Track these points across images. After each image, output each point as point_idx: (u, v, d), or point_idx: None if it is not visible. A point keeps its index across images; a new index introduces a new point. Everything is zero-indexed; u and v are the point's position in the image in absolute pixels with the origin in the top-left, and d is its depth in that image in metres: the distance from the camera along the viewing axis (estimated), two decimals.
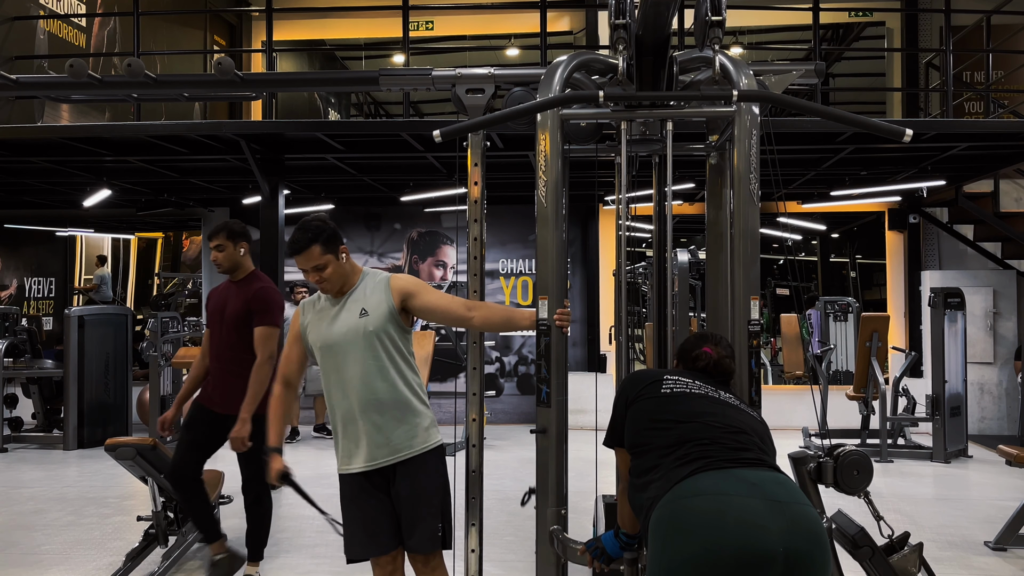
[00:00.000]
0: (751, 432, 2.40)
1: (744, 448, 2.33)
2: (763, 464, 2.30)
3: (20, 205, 10.07)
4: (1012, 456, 5.40)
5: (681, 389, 2.50)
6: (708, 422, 2.38)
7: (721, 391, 2.55)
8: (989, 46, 8.01)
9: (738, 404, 2.54)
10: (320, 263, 2.99)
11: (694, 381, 2.54)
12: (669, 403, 2.47)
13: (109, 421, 8.77)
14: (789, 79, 3.66)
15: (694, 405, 2.45)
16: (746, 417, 2.46)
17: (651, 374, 2.64)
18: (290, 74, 10.28)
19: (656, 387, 2.52)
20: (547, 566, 3.05)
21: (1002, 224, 8.61)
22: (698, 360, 2.67)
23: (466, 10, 10.63)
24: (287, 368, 3.21)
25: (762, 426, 2.49)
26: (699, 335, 2.78)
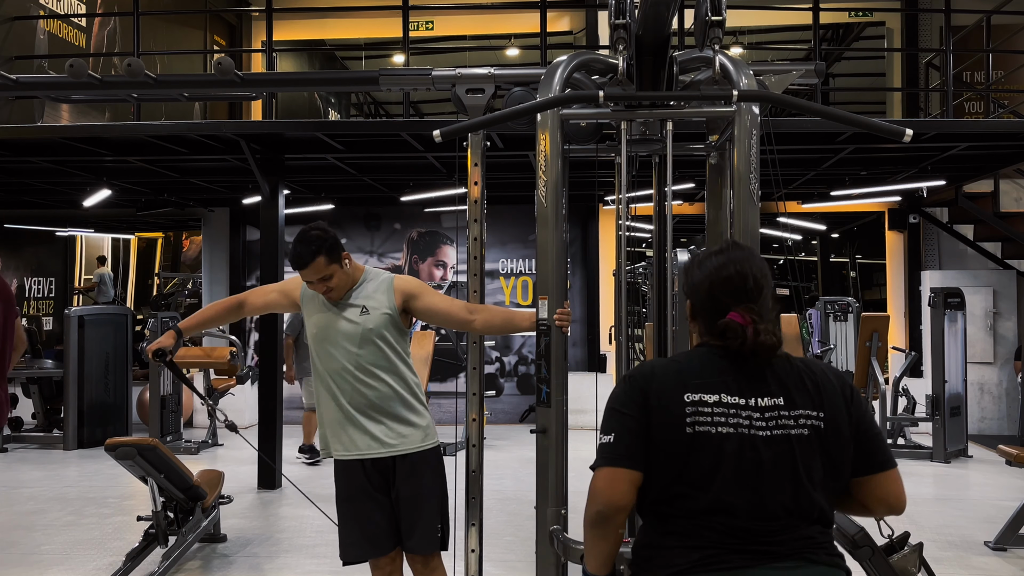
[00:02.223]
0: (797, 500, 1.70)
1: (775, 536, 1.69)
2: (796, 558, 1.69)
3: (20, 205, 10.07)
4: (1012, 456, 5.40)
5: (704, 428, 1.70)
6: (736, 493, 1.69)
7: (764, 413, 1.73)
8: (989, 46, 8.01)
9: (789, 433, 1.72)
10: (326, 274, 2.99)
11: (721, 400, 1.72)
12: (692, 451, 1.71)
13: (109, 421, 8.77)
14: (789, 79, 3.66)
15: (724, 462, 1.70)
16: (796, 465, 1.71)
17: (671, 378, 1.77)
18: (290, 74, 10.28)
19: (678, 412, 1.72)
20: (547, 566, 3.04)
21: (1002, 224, 8.61)
22: (727, 336, 1.77)
23: (466, 10, 10.62)
24: (254, 299, 3.24)
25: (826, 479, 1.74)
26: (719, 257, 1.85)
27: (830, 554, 1.74)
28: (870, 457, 1.81)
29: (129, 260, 14.08)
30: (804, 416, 1.73)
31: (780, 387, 1.75)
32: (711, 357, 1.79)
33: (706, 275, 1.83)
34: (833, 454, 1.74)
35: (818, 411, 1.74)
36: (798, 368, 1.79)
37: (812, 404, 1.74)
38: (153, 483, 4.52)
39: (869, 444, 1.81)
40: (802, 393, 1.75)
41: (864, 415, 1.81)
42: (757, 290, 1.79)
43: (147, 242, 14.19)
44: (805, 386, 1.76)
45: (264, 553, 5.09)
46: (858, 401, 1.81)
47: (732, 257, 1.83)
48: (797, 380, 1.76)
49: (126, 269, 14.02)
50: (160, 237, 14.16)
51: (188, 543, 4.75)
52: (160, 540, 4.55)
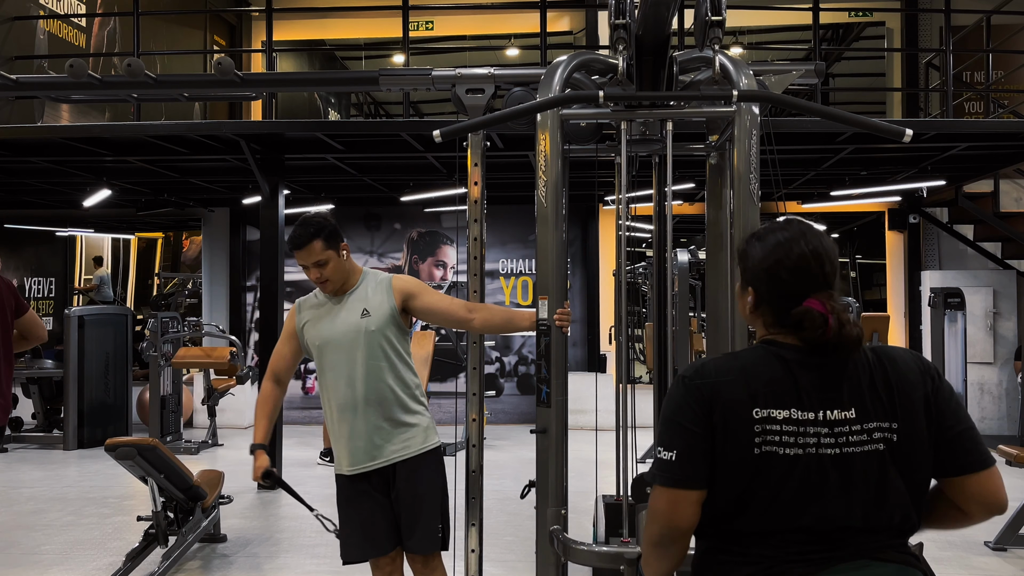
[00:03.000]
0: (867, 518, 1.56)
1: (837, 545, 1.56)
2: (861, 558, 1.56)
3: (20, 205, 10.07)
4: (1012, 456, 5.40)
5: (772, 447, 1.54)
6: (798, 515, 1.55)
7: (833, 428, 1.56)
8: (989, 46, 8.01)
9: (863, 450, 1.56)
10: (321, 259, 2.99)
11: (791, 416, 1.55)
12: (757, 472, 1.55)
13: (109, 421, 8.77)
14: (789, 79, 3.66)
15: (788, 484, 1.55)
16: (866, 484, 1.56)
17: (738, 389, 1.57)
18: (290, 74, 10.28)
19: (746, 431, 1.55)
20: (547, 566, 3.04)
21: (1002, 224, 8.61)
22: (803, 327, 1.57)
23: (466, 10, 10.62)
24: (278, 365, 3.20)
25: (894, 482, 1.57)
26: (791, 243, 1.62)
27: (901, 552, 1.59)
28: (960, 456, 1.62)
29: (129, 260, 14.07)
30: (877, 429, 1.56)
31: (853, 395, 1.57)
32: (780, 360, 1.59)
33: (770, 253, 1.61)
34: (912, 464, 1.58)
35: (891, 421, 1.56)
36: (872, 366, 1.59)
37: (885, 413, 1.57)
38: (153, 483, 4.52)
39: (957, 442, 1.61)
40: (875, 400, 1.57)
41: (949, 411, 1.62)
42: (833, 274, 1.60)
43: (147, 242, 14.19)
44: (878, 392, 1.57)
45: (264, 553, 5.09)
46: (943, 395, 1.62)
47: (801, 231, 1.61)
48: (870, 384, 1.58)
49: (126, 269, 14.02)
50: (160, 237, 14.15)
51: (188, 543, 4.75)
52: (160, 540, 4.55)
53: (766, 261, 1.62)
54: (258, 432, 3.15)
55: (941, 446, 1.62)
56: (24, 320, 3.86)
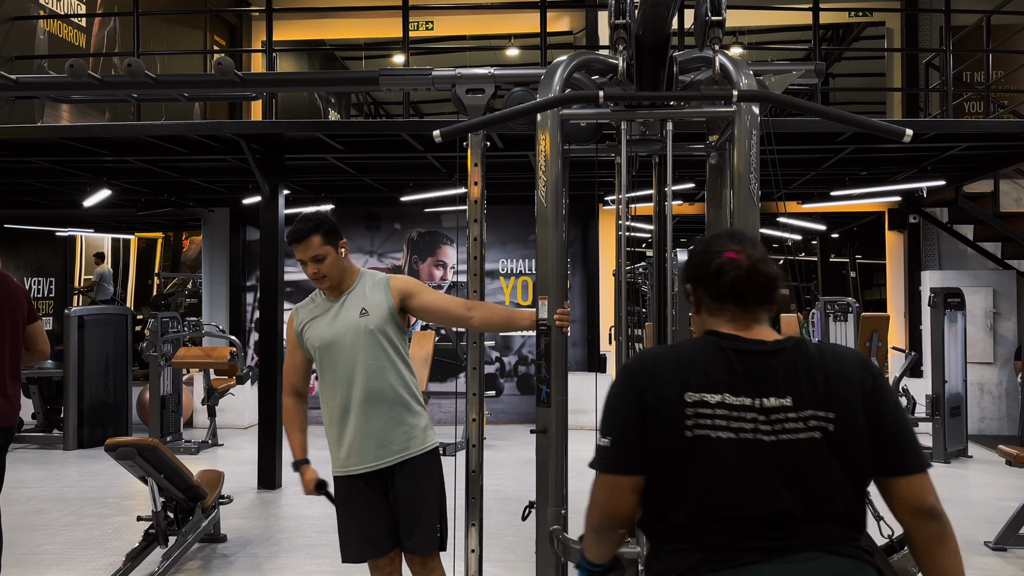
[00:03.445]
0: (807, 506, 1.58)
1: (784, 532, 1.57)
2: (813, 549, 1.57)
3: (20, 205, 10.07)
4: (1012, 456, 5.40)
5: (704, 431, 1.59)
6: (739, 501, 1.58)
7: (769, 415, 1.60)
8: (989, 46, 8.01)
9: (796, 438, 1.59)
10: (319, 253, 3.00)
11: (724, 401, 1.60)
12: (692, 456, 1.60)
13: (109, 421, 8.77)
14: (789, 79, 3.66)
15: (725, 468, 1.59)
16: (804, 471, 1.59)
17: (671, 374, 1.64)
18: (290, 74, 10.28)
19: (677, 414, 1.61)
20: (547, 566, 3.04)
21: (1002, 224, 8.61)
22: (721, 275, 1.68)
23: (466, 10, 10.62)
24: (293, 377, 3.20)
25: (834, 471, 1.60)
26: (714, 235, 1.78)
27: (854, 547, 1.59)
28: (893, 457, 1.64)
29: (129, 260, 14.08)
30: (813, 417, 1.59)
31: (789, 384, 1.61)
32: (717, 349, 1.65)
33: (701, 251, 1.76)
34: (850, 455, 1.60)
35: (827, 411, 1.60)
36: (811, 359, 1.64)
37: (822, 403, 1.60)
38: (153, 483, 4.53)
39: (892, 442, 1.63)
40: (812, 390, 1.61)
41: (887, 410, 1.64)
42: (752, 241, 1.71)
43: (147, 242, 14.19)
44: (815, 382, 1.61)
45: (264, 553, 5.09)
46: (882, 393, 1.64)
47: (728, 232, 1.77)
48: (807, 374, 1.62)
49: (126, 269, 14.02)
50: (160, 237, 14.16)
51: (188, 543, 4.75)
52: (160, 540, 4.56)
53: (694, 256, 1.76)
54: (295, 448, 3.16)
55: (876, 445, 1.63)
56: (31, 329, 3.87)
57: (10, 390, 3.77)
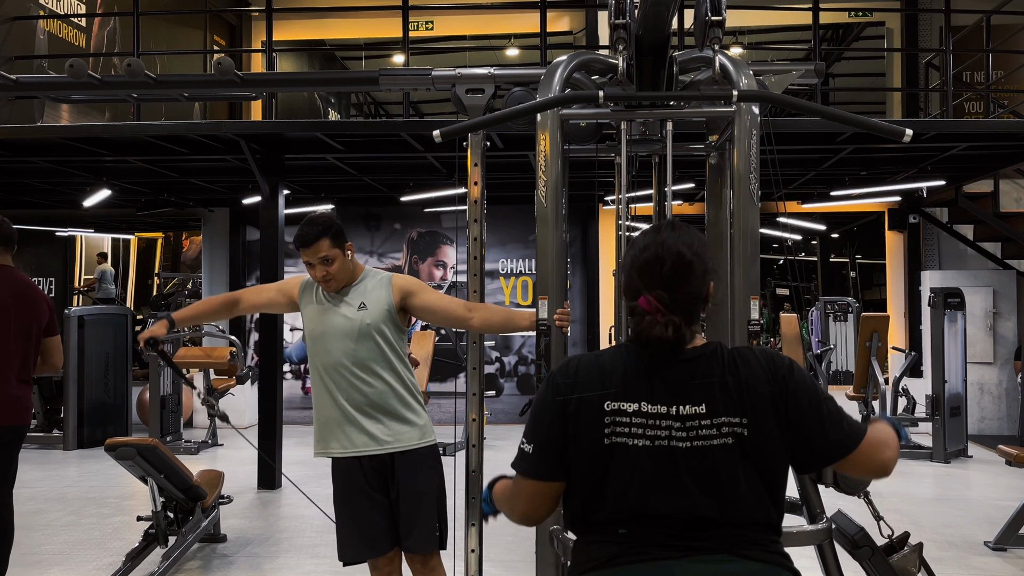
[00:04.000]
0: (723, 510, 1.62)
1: (700, 533, 1.62)
2: (726, 552, 1.61)
3: (20, 205, 10.06)
4: (1012, 456, 5.40)
5: (622, 439, 1.63)
6: (656, 504, 1.63)
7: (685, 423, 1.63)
8: (989, 46, 8.01)
9: (710, 444, 1.62)
10: (328, 255, 3.02)
11: (641, 409, 1.63)
12: (610, 462, 1.65)
13: (109, 421, 8.77)
14: (789, 79, 3.66)
15: (641, 475, 1.63)
16: (718, 476, 1.63)
17: (593, 384, 1.68)
18: (290, 74, 10.29)
19: (596, 422, 1.65)
20: (547, 566, 3.04)
21: (1002, 224, 8.61)
22: (633, 317, 1.69)
23: (466, 10, 10.62)
24: (249, 295, 3.27)
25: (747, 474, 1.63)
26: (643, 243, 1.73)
27: (768, 551, 1.63)
28: (828, 445, 1.68)
29: (129, 260, 14.08)
30: (726, 424, 1.62)
31: (704, 392, 1.64)
32: (636, 357, 1.68)
33: (632, 258, 1.72)
34: (763, 459, 1.63)
35: (741, 417, 1.63)
36: (725, 364, 1.67)
37: (735, 410, 1.63)
38: (153, 483, 4.53)
39: (820, 433, 1.66)
40: (725, 396, 1.64)
41: (804, 407, 1.66)
42: (674, 277, 1.66)
43: (147, 242, 14.19)
44: (728, 388, 1.64)
45: (264, 553, 5.09)
46: (795, 392, 1.66)
47: (659, 239, 1.70)
48: (722, 381, 1.65)
49: (126, 269, 14.02)
50: (160, 237, 14.15)
51: (188, 543, 4.75)
52: (160, 540, 4.56)
53: (626, 259, 1.75)
54: (181, 311, 3.27)
55: (811, 438, 1.67)
56: (47, 342, 3.95)
57: (17, 391, 3.82)
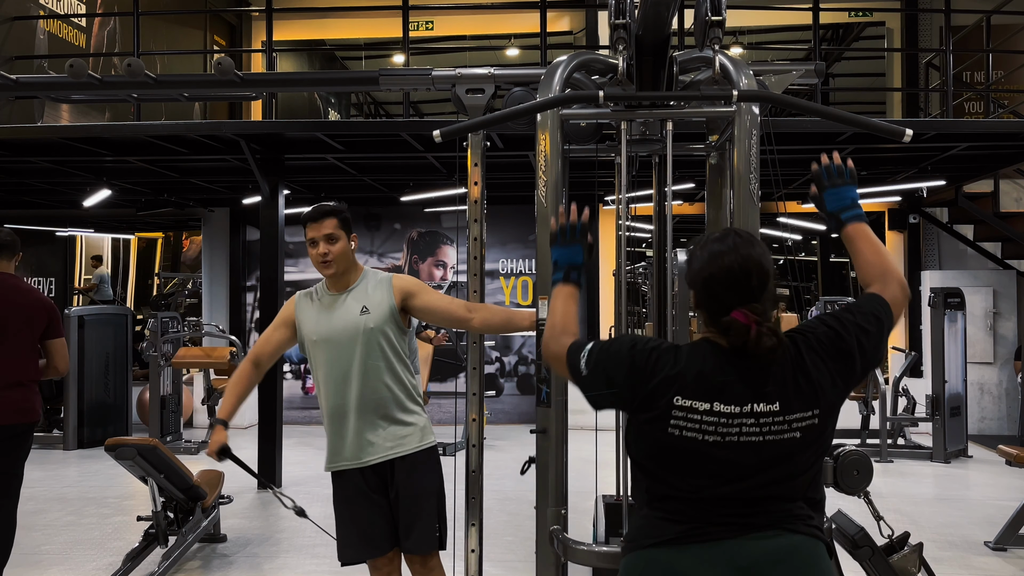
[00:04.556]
0: (781, 490, 1.77)
1: (755, 510, 1.76)
2: (775, 528, 1.75)
3: (20, 205, 10.07)
4: (1012, 456, 5.40)
5: (692, 434, 1.74)
6: (721, 488, 1.76)
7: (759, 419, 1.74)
8: (989, 46, 8.01)
9: (781, 438, 1.73)
10: (333, 234, 3.04)
11: (713, 408, 1.73)
12: (677, 450, 1.77)
13: (109, 421, 8.76)
14: (789, 79, 3.65)
15: (710, 464, 1.75)
16: (786, 463, 1.76)
17: (666, 381, 1.77)
18: (290, 74, 10.28)
19: (664, 415, 1.76)
20: (547, 566, 3.04)
21: (1002, 224, 8.61)
22: (730, 335, 1.75)
23: (466, 10, 10.62)
24: (263, 349, 3.20)
25: (808, 465, 1.79)
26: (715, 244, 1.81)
27: (809, 526, 1.77)
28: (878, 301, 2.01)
29: (129, 260, 14.07)
30: (799, 419, 1.74)
31: (779, 390, 1.74)
32: (712, 356, 1.77)
33: (706, 264, 1.79)
34: (825, 438, 1.79)
35: (813, 409, 1.75)
36: (794, 361, 1.77)
37: (807, 404, 1.75)
38: (153, 483, 4.53)
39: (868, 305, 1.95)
40: (798, 394, 1.75)
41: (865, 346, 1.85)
42: (760, 287, 1.75)
43: (147, 242, 14.19)
44: (800, 386, 1.75)
45: (264, 553, 5.09)
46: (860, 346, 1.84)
47: (734, 245, 1.77)
48: (794, 379, 1.75)
49: (126, 269, 14.02)
50: (160, 237, 14.15)
51: (188, 543, 4.75)
52: (160, 540, 4.56)
53: (702, 272, 1.80)
54: (224, 407, 3.16)
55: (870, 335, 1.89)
56: (49, 344, 4.10)
57: (14, 393, 3.94)
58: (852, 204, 2.05)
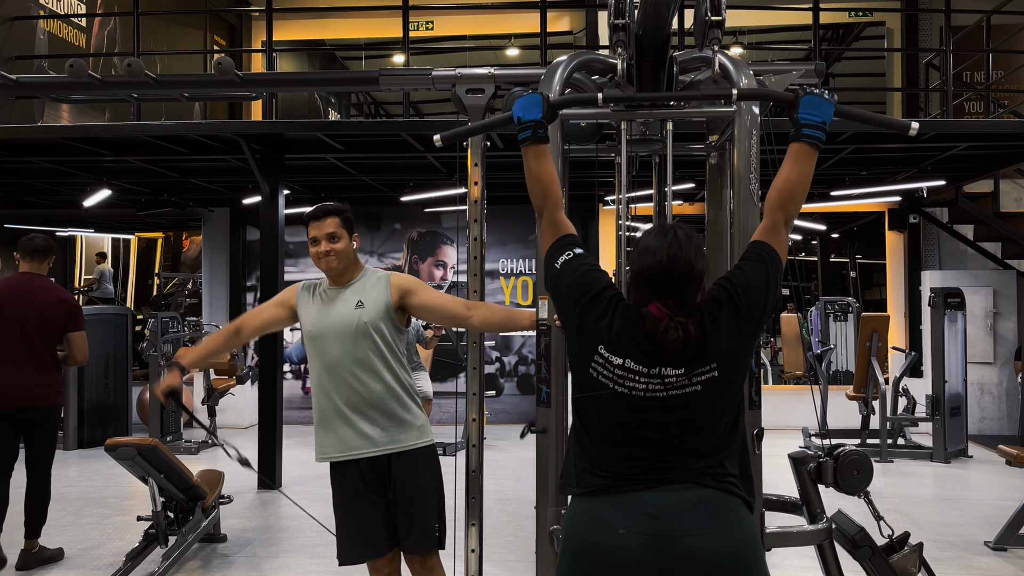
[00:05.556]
0: (687, 444, 1.95)
1: (666, 466, 1.94)
2: (686, 482, 1.93)
3: (20, 205, 10.07)
4: (1012, 456, 5.40)
5: (605, 380, 1.95)
6: (632, 442, 1.97)
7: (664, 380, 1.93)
8: (989, 46, 8.01)
9: (684, 391, 1.92)
10: (336, 232, 3.05)
11: (625, 364, 1.94)
12: (595, 390, 1.99)
13: (109, 421, 8.77)
14: (789, 79, 3.65)
15: (621, 414, 1.96)
16: (688, 416, 1.94)
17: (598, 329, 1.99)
18: (290, 74, 10.28)
19: (590, 354, 1.98)
20: (547, 566, 3.04)
21: (1002, 224, 8.61)
22: (645, 323, 1.95)
23: (466, 10, 10.62)
24: (250, 321, 3.21)
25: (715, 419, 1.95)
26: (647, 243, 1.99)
27: (721, 481, 1.94)
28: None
29: (129, 260, 14.08)
30: (698, 374, 1.92)
31: (684, 357, 1.93)
32: (636, 323, 1.96)
33: (638, 257, 1.99)
34: (729, 390, 1.96)
35: (711, 363, 1.93)
36: (703, 324, 1.94)
37: (706, 360, 1.93)
38: (153, 483, 4.53)
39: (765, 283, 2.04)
40: (700, 355, 1.93)
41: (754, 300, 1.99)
42: (683, 284, 1.94)
43: (147, 242, 14.19)
44: (701, 348, 1.93)
45: (264, 553, 5.09)
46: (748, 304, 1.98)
47: (667, 244, 1.95)
48: (700, 341, 1.92)
49: (126, 269, 14.02)
50: (160, 237, 14.16)
51: (188, 543, 4.75)
52: (160, 540, 4.55)
53: (635, 264, 2.01)
54: (189, 355, 3.12)
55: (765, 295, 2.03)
56: (70, 336, 4.80)
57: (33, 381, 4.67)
58: (820, 125, 2.12)
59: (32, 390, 4.68)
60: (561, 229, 2.18)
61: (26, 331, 4.67)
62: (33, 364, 4.67)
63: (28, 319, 4.67)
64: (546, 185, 2.21)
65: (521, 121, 2.23)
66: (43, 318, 4.70)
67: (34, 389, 4.68)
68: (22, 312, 4.67)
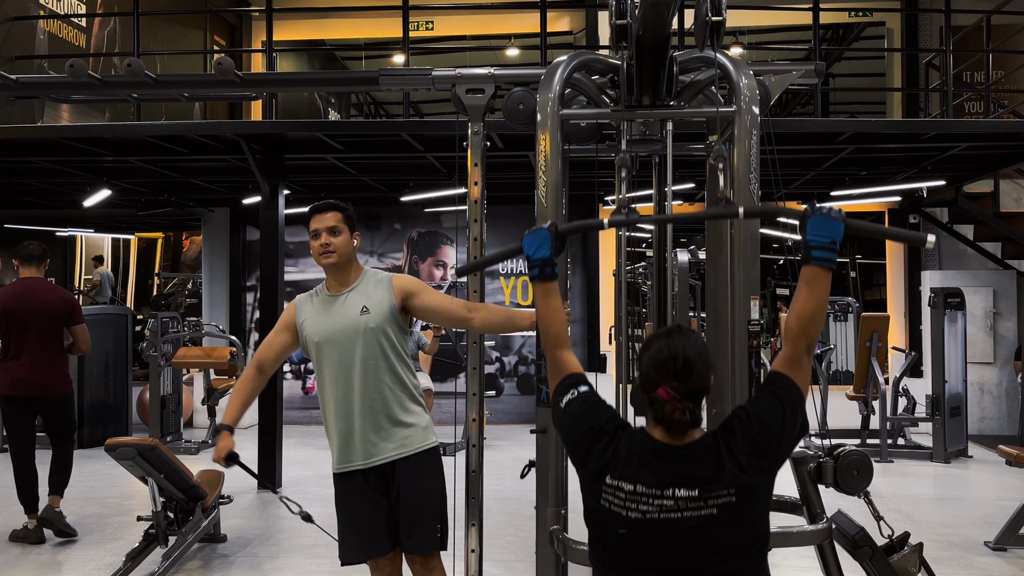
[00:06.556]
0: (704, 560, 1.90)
1: None
2: None
3: (20, 205, 10.06)
4: (1012, 456, 5.40)
5: (617, 508, 1.91)
6: (645, 554, 1.93)
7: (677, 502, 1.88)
8: (989, 46, 8.01)
9: (699, 514, 1.88)
10: (336, 227, 3.06)
11: (636, 490, 1.90)
12: (604, 518, 1.95)
13: (109, 421, 8.76)
14: (789, 79, 3.66)
15: (630, 538, 1.92)
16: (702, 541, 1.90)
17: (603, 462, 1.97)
18: (290, 74, 10.28)
19: (597, 486, 1.96)
20: (547, 566, 3.05)
21: (1002, 224, 8.61)
22: (653, 407, 1.95)
23: (466, 10, 10.62)
24: (266, 354, 3.19)
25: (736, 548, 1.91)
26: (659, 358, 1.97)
27: None
28: None
29: (129, 260, 14.07)
30: (714, 497, 1.87)
31: (698, 477, 1.89)
32: (644, 444, 1.94)
33: (648, 358, 1.99)
34: (752, 517, 1.90)
35: (728, 489, 1.87)
36: (715, 451, 1.91)
37: (723, 485, 1.87)
38: (153, 483, 4.52)
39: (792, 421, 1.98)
40: (716, 478, 1.89)
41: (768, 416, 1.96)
42: (684, 371, 1.93)
43: (147, 242, 14.18)
44: (718, 471, 1.89)
45: (264, 553, 5.09)
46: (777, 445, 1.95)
47: (670, 343, 1.97)
48: (716, 465, 1.89)
49: (126, 269, 14.02)
50: (160, 237, 14.15)
51: (188, 543, 4.75)
52: (160, 540, 4.55)
53: (644, 363, 2.01)
54: (229, 413, 3.12)
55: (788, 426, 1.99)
56: (74, 329, 5.39)
57: (43, 373, 5.26)
58: (830, 246, 2.04)
59: (46, 382, 5.30)
60: (564, 369, 2.16)
61: (36, 329, 5.23)
62: (46, 359, 5.27)
63: (37, 319, 5.23)
64: (547, 325, 2.24)
65: (531, 260, 2.28)
66: (49, 316, 5.26)
67: (48, 381, 5.31)
68: (31, 313, 5.22)
